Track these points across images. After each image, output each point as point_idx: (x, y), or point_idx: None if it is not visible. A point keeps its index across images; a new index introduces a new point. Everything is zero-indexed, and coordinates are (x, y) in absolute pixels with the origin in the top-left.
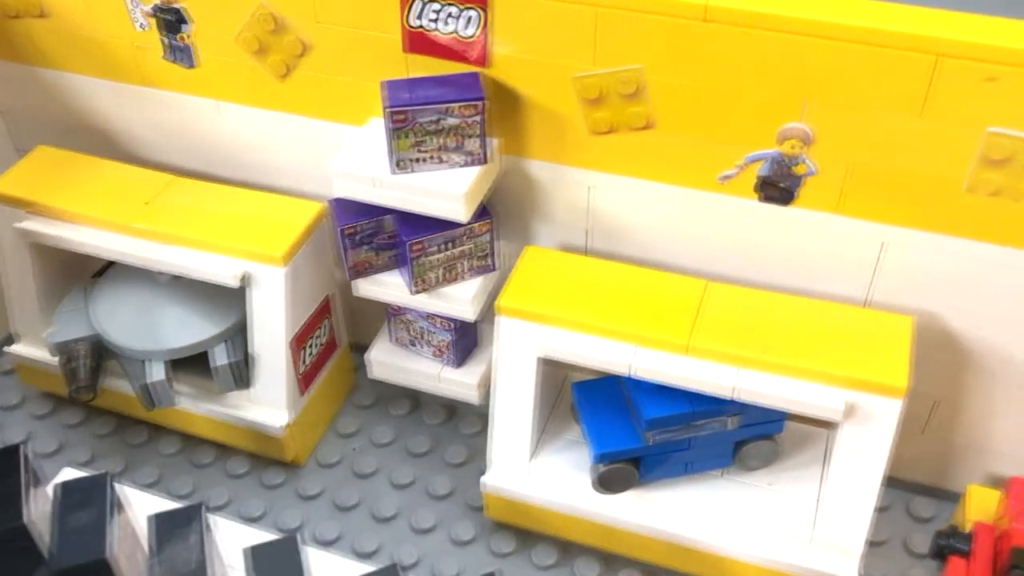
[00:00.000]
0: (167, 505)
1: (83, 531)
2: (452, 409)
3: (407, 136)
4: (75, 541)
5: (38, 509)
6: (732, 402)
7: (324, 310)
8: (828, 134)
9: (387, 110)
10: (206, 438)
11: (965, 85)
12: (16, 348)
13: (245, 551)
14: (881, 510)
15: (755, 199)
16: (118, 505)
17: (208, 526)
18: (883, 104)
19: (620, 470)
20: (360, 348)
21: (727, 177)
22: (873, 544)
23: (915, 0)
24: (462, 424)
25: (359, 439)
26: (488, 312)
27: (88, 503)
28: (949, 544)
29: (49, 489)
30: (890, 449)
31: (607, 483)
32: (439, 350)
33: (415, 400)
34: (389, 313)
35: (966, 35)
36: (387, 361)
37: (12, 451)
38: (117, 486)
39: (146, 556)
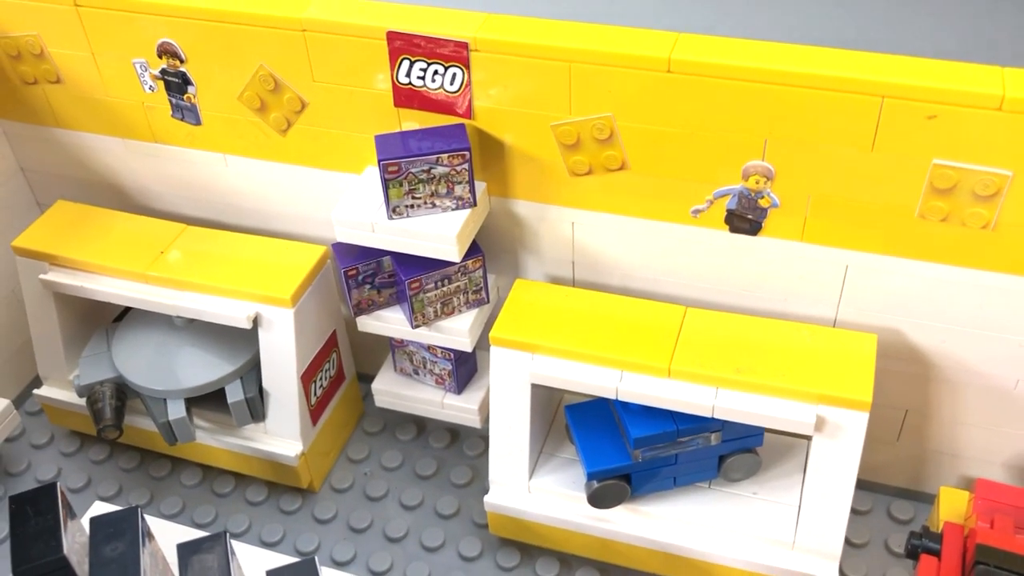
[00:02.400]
0: (192, 534)
1: (117, 561)
2: (455, 433)
3: (400, 185)
4: (111, 571)
5: (75, 541)
6: (713, 419)
7: (331, 345)
8: (788, 170)
9: (381, 163)
10: (225, 469)
11: (909, 122)
12: (43, 391)
13: (268, 573)
14: (863, 513)
15: (725, 230)
16: (148, 535)
17: (231, 552)
18: (837, 141)
19: (612, 486)
20: (366, 378)
21: (698, 211)
22: (856, 545)
23: (864, 43)
24: (466, 446)
25: (369, 464)
26: (485, 341)
27: (120, 535)
28: (921, 544)
29: (83, 522)
30: (859, 457)
31: (600, 499)
32: (440, 378)
33: (420, 425)
34: (392, 345)
35: (906, 78)
36: (392, 390)
37: (50, 488)
38: (146, 517)
39: None
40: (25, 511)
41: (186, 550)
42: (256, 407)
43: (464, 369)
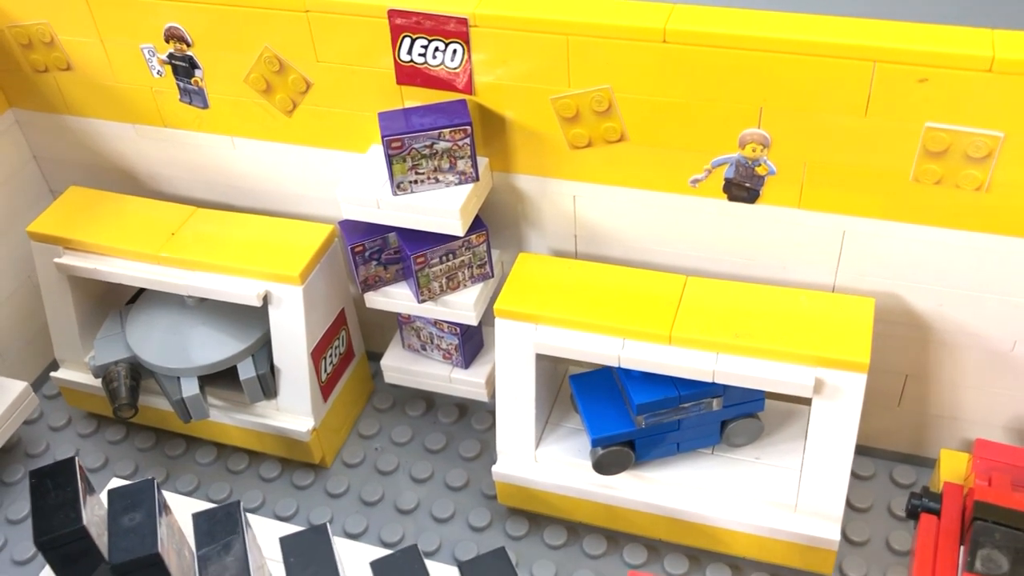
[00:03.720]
0: (207, 507)
1: (136, 530)
2: (463, 408)
3: (404, 161)
4: (129, 539)
5: (94, 514)
6: (714, 385)
7: (340, 323)
8: (784, 137)
9: (384, 139)
10: (239, 446)
11: (901, 86)
12: (60, 373)
13: (281, 539)
14: (866, 478)
15: (724, 199)
16: (164, 507)
17: (246, 522)
18: (831, 107)
19: (616, 453)
20: (375, 356)
21: (697, 180)
22: (859, 510)
23: (854, 10)
24: (473, 420)
25: (380, 439)
26: (490, 316)
27: (138, 506)
28: (922, 503)
29: (101, 497)
30: (858, 419)
31: (605, 465)
32: (448, 353)
33: (429, 401)
34: (400, 321)
35: (897, 42)
36: (400, 366)
37: (69, 463)
38: (163, 492)
39: (192, 552)
40: (45, 484)
41: (202, 520)
42: (268, 384)
43: (471, 344)
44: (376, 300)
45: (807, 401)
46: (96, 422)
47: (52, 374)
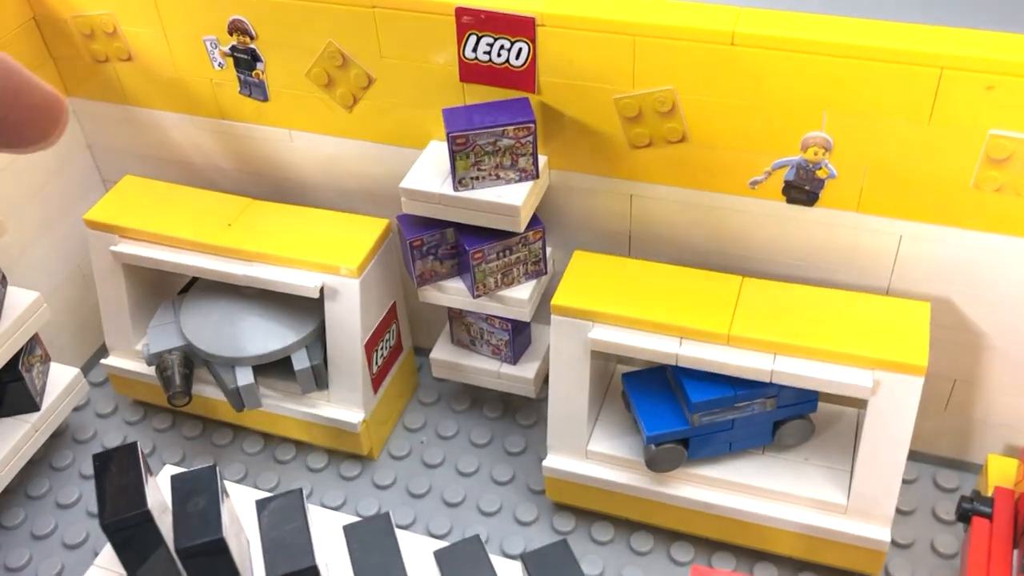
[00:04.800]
0: (259, 495)
1: (200, 515)
2: (508, 403)
3: (467, 157)
4: (194, 524)
5: (155, 498)
6: (770, 385)
7: (391, 316)
8: (846, 141)
9: (449, 135)
10: (286, 437)
11: (967, 94)
12: (110, 360)
13: (344, 527)
14: (910, 482)
15: (782, 201)
16: (225, 493)
17: (305, 508)
18: (894, 113)
19: (670, 450)
20: (421, 352)
21: (756, 182)
22: (903, 513)
23: (921, 17)
24: (519, 416)
25: (426, 432)
26: (539, 313)
27: (201, 491)
28: (973, 507)
29: (157, 480)
30: (913, 421)
31: (658, 462)
32: (497, 348)
33: (474, 396)
34: (451, 316)
35: (965, 49)
36: (449, 360)
37: (131, 448)
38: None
39: (247, 539)
40: (109, 468)
41: (265, 505)
42: (321, 374)
43: (520, 340)
44: (431, 294)
45: (857, 403)
46: (143, 410)
47: (102, 361)
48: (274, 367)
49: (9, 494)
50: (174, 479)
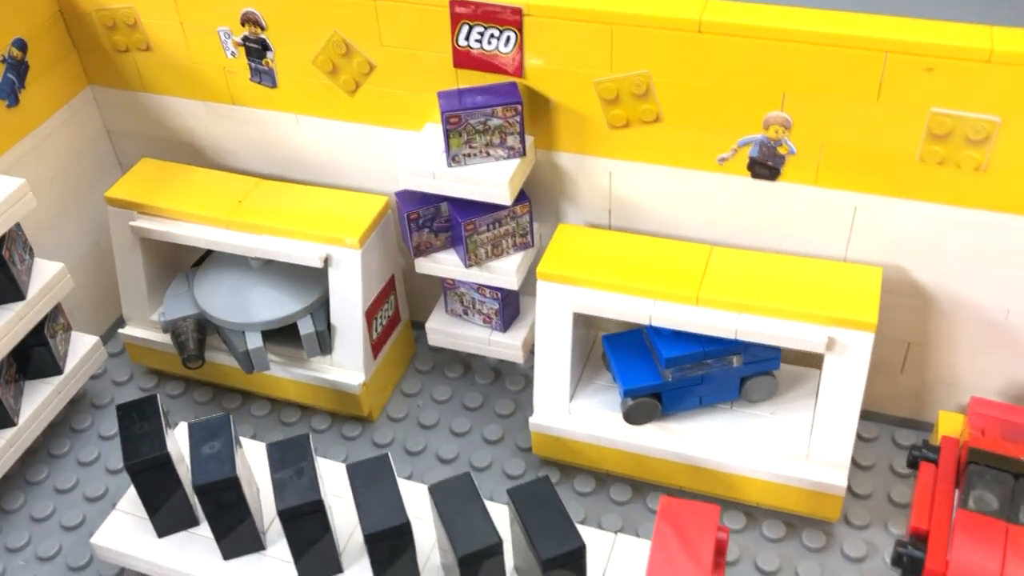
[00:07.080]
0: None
1: (216, 457)
2: (498, 371)
3: (460, 135)
4: (210, 464)
5: (173, 446)
6: (736, 342)
7: (390, 287)
8: (804, 120)
9: (443, 115)
10: (291, 400)
11: (909, 75)
12: (127, 330)
13: (348, 466)
14: (870, 440)
15: (747, 176)
16: (237, 440)
17: (313, 452)
18: (846, 93)
19: (645, 404)
20: (417, 327)
21: (724, 159)
22: (863, 468)
23: (868, 6)
24: (508, 382)
25: (422, 397)
26: (526, 285)
27: (216, 436)
28: (921, 453)
29: (175, 431)
30: (866, 374)
31: (635, 415)
32: (488, 317)
33: (466, 364)
34: (444, 288)
35: (907, 35)
36: (443, 329)
37: (151, 399)
38: None
39: (258, 486)
40: (131, 416)
41: (275, 449)
42: (325, 340)
43: (509, 309)
44: (426, 265)
45: (818, 363)
46: (156, 378)
47: (120, 330)
48: (280, 335)
49: (33, 452)
50: (191, 426)
